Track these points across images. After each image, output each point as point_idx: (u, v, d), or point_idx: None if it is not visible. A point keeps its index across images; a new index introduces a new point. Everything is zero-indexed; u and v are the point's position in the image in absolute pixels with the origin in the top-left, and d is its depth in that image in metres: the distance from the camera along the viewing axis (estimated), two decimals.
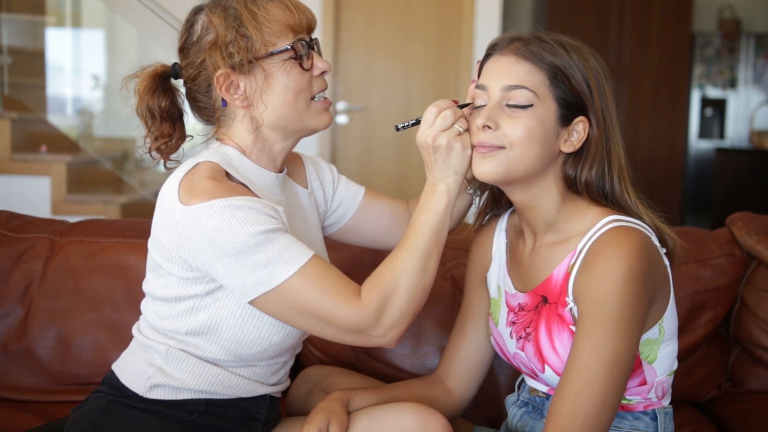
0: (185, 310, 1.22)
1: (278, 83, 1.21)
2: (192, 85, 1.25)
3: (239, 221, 1.12)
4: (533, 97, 1.17)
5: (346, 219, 1.44)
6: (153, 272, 1.27)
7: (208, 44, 1.20)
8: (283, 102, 1.22)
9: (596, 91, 1.20)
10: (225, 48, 1.18)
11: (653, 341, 1.23)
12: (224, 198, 1.13)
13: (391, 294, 1.16)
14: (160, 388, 1.24)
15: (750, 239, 1.79)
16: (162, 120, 1.26)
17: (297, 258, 1.13)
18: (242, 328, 1.21)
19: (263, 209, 1.15)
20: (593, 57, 1.23)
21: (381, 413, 1.25)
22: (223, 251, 1.12)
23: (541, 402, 1.33)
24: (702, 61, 5.73)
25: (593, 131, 1.20)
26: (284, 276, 1.13)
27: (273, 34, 1.20)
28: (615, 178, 1.21)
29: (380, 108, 4.72)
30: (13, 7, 4.48)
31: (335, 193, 1.44)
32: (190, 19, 1.25)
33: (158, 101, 1.25)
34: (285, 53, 1.20)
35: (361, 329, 1.15)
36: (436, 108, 1.22)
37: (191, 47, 1.23)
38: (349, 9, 4.60)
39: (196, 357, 1.24)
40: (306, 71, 1.23)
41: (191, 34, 1.23)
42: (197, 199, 1.14)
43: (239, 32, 1.18)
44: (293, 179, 1.38)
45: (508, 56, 1.20)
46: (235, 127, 1.25)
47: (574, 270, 1.20)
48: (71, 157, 3.89)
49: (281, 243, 1.13)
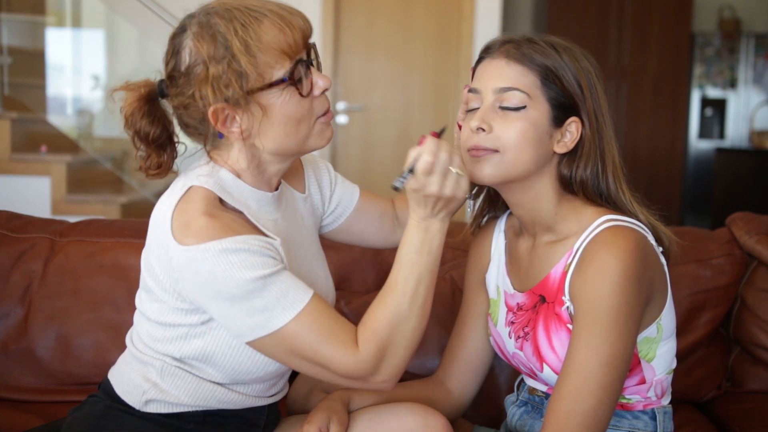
0: (179, 336, 1.18)
1: (277, 114, 1.13)
2: (183, 111, 1.16)
3: (235, 266, 1.06)
4: (526, 99, 1.18)
5: (341, 220, 1.41)
6: (146, 293, 1.21)
7: (198, 78, 1.11)
8: (283, 132, 1.15)
9: (588, 91, 1.20)
10: (217, 83, 1.09)
11: (651, 339, 1.23)
12: (219, 240, 1.07)
13: (389, 343, 1.13)
14: (156, 403, 1.21)
15: (750, 239, 1.79)
16: (148, 145, 1.19)
17: (294, 303, 1.09)
18: (237, 359, 1.18)
19: (260, 250, 1.09)
20: (585, 57, 1.23)
21: (381, 413, 1.25)
22: (217, 294, 1.08)
23: (540, 401, 1.33)
24: (702, 61, 5.73)
25: (586, 131, 1.20)
26: (281, 322, 1.09)
27: (267, 64, 1.11)
28: (609, 178, 1.22)
29: (380, 108, 4.72)
30: (13, 7, 4.48)
31: (333, 195, 1.40)
32: (176, 41, 1.15)
33: (146, 129, 1.18)
34: (282, 83, 1.12)
35: (360, 377, 1.13)
36: (430, 156, 1.10)
37: (179, 77, 1.14)
38: (349, 9, 4.60)
39: (192, 374, 1.20)
40: (306, 97, 1.15)
41: (179, 62, 1.14)
42: (191, 240, 1.08)
43: (231, 66, 1.09)
44: (290, 184, 1.33)
45: (500, 59, 1.20)
46: (230, 152, 1.18)
47: (570, 269, 1.20)
48: (71, 157, 3.89)
49: (278, 287, 1.09)
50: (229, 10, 1.12)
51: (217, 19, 1.11)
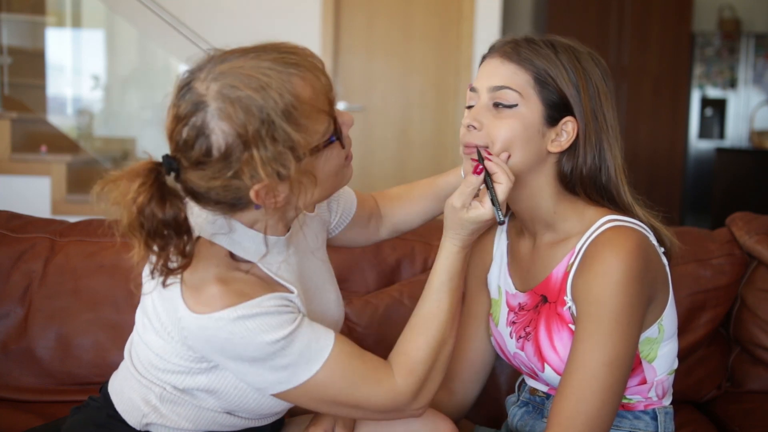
0: (183, 371, 1.10)
1: (323, 174, 1.06)
2: (211, 192, 1.02)
3: (253, 332, 1.00)
4: (518, 97, 1.18)
5: (340, 229, 1.37)
6: (151, 323, 1.11)
7: (241, 160, 0.97)
8: (324, 189, 1.09)
9: (585, 91, 1.20)
10: (269, 163, 0.97)
11: (653, 340, 1.23)
12: (233, 307, 1.01)
13: (430, 372, 1.12)
14: (155, 426, 1.16)
15: (750, 239, 1.79)
16: (177, 236, 0.99)
17: (319, 353, 1.04)
18: (243, 398, 1.12)
19: (278, 309, 1.03)
20: (591, 58, 1.23)
21: None
22: (237, 357, 1.03)
23: (541, 402, 1.33)
24: (702, 61, 5.73)
25: (581, 131, 1.20)
26: (307, 375, 1.04)
27: (312, 129, 1.01)
28: (610, 178, 1.22)
29: (380, 108, 4.72)
30: (13, 7, 4.49)
31: (337, 206, 1.36)
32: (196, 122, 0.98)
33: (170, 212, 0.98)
34: (331, 144, 1.04)
35: (397, 409, 1.11)
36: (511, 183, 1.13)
37: (212, 162, 0.99)
38: (349, 9, 4.60)
39: (194, 404, 1.14)
40: (343, 148, 1.07)
41: (209, 147, 0.98)
42: (203, 308, 1.01)
43: (281, 140, 0.98)
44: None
45: (496, 58, 1.22)
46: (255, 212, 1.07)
47: (572, 269, 1.20)
48: (71, 157, 3.89)
49: (300, 342, 1.03)
50: (255, 78, 0.98)
51: (246, 90, 0.97)
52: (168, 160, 1.01)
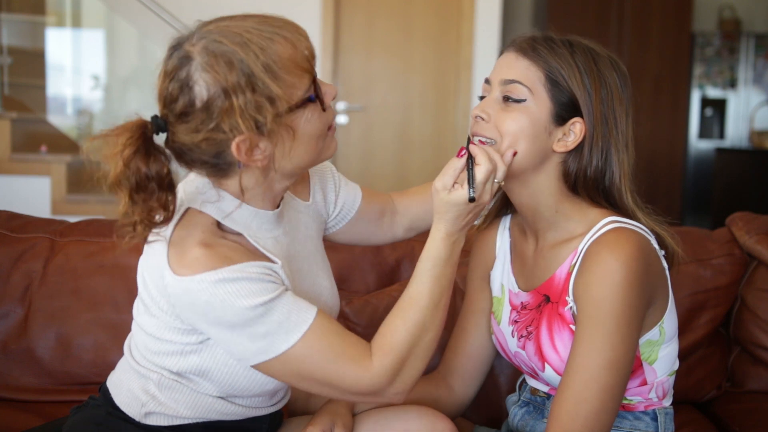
0: (175, 351, 1.14)
1: (304, 135, 1.09)
2: (194, 148, 1.07)
3: (233, 295, 1.03)
4: (527, 93, 1.18)
5: (344, 222, 1.40)
6: (143, 305, 1.17)
7: (221, 110, 1.03)
8: (305, 152, 1.11)
9: (597, 94, 1.19)
10: (247, 112, 1.02)
11: (654, 342, 1.23)
12: (215, 270, 1.03)
13: (409, 355, 1.11)
14: (155, 416, 1.18)
15: (750, 239, 1.79)
16: (158, 188, 1.05)
17: (298, 325, 1.06)
18: (234, 377, 1.14)
19: (259, 276, 1.05)
20: (609, 62, 1.22)
21: (388, 416, 1.24)
22: (217, 322, 1.05)
23: (542, 402, 1.33)
24: (702, 61, 5.73)
25: (589, 134, 1.20)
26: (285, 346, 1.06)
27: (292, 84, 1.05)
28: (614, 182, 1.21)
29: (380, 108, 4.72)
30: (13, 7, 4.49)
31: (337, 199, 1.38)
32: (181, 75, 1.05)
33: (154, 168, 1.04)
34: (309, 103, 1.08)
35: (374, 392, 1.11)
36: (491, 165, 1.14)
37: (196, 114, 1.04)
38: (349, 9, 4.60)
39: (190, 389, 1.17)
40: (325, 111, 1.11)
41: (192, 98, 1.04)
42: (186, 270, 1.04)
43: (260, 92, 1.03)
44: (295, 193, 1.29)
45: (512, 52, 1.22)
46: (238, 176, 1.11)
47: (575, 270, 1.20)
48: (71, 157, 3.89)
49: (280, 312, 1.05)
50: (238, 34, 1.04)
51: (229, 45, 1.03)
52: (156, 119, 1.07)
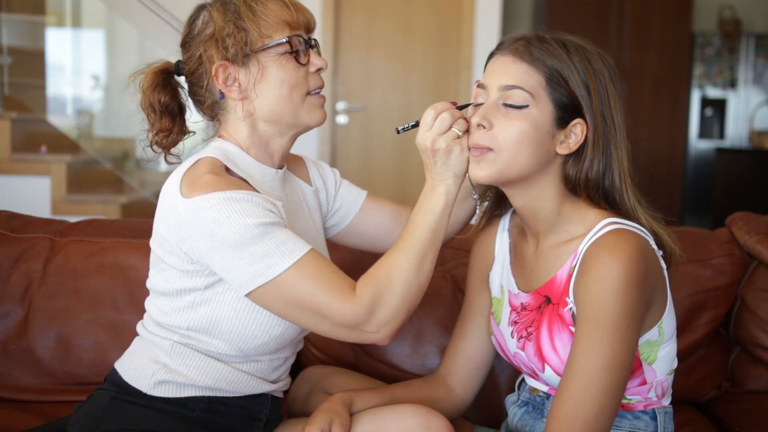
0: (186, 305, 1.24)
1: (273, 76, 1.24)
2: (192, 79, 1.29)
3: (237, 213, 1.14)
4: (529, 98, 1.17)
5: (346, 222, 1.46)
6: (155, 267, 1.29)
7: (206, 37, 1.24)
8: (277, 94, 1.25)
9: (596, 93, 1.19)
10: (222, 40, 1.22)
11: (653, 342, 1.23)
12: (224, 191, 1.16)
13: (385, 290, 1.17)
14: (165, 385, 1.26)
15: (750, 239, 1.79)
16: (162, 115, 1.31)
17: (293, 251, 1.15)
18: (242, 321, 1.23)
19: (262, 203, 1.17)
20: (600, 59, 1.22)
21: (384, 415, 1.25)
22: (221, 243, 1.14)
23: (541, 402, 1.33)
24: (702, 61, 5.73)
25: (591, 134, 1.19)
26: (280, 268, 1.14)
27: (270, 27, 1.24)
28: (615, 181, 1.21)
29: (380, 108, 4.72)
30: (13, 7, 4.48)
31: (337, 195, 1.45)
32: (193, 15, 1.29)
33: (159, 96, 1.30)
34: (280, 47, 1.24)
35: (355, 325, 1.16)
36: (434, 110, 1.23)
37: (191, 41, 1.28)
38: (349, 9, 4.60)
39: (200, 352, 1.26)
40: (302, 66, 1.26)
41: (192, 29, 1.28)
42: (197, 192, 1.16)
43: (237, 25, 1.23)
44: (298, 176, 1.41)
45: (508, 56, 1.20)
46: (233, 122, 1.28)
47: (575, 272, 1.20)
48: (71, 157, 3.89)
49: (278, 236, 1.15)
50: None
51: None
52: (178, 62, 1.32)
